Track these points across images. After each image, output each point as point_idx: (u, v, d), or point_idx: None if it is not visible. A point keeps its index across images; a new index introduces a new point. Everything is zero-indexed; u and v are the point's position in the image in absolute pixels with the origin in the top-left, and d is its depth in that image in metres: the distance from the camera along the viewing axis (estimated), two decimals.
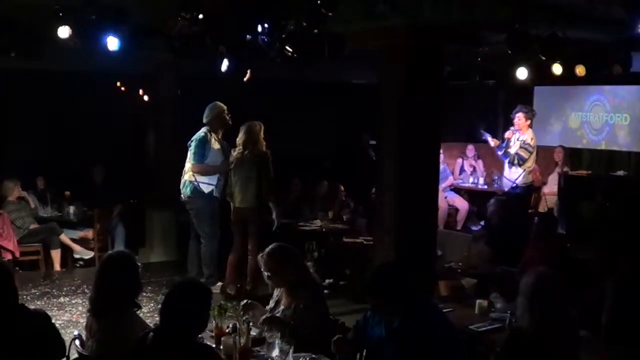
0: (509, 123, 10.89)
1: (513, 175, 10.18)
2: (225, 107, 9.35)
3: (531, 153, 10.05)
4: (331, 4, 6.12)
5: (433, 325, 4.65)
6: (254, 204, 8.89)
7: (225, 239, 9.30)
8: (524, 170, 10.09)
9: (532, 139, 10.10)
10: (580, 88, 13.45)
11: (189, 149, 9.28)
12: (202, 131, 9.27)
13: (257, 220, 8.91)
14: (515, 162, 10.07)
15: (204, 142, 9.19)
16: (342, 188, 11.18)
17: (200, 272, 9.35)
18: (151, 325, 4.75)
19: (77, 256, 10.91)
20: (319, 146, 15.13)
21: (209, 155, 9.20)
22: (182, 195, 9.42)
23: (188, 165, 9.28)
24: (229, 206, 9.21)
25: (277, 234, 8.59)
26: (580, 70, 8.93)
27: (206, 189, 9.22)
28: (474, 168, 13.78)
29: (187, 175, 9.29)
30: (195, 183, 9.21)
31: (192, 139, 9.29)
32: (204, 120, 9.30)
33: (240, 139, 9.01)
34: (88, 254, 10.91)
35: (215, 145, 9.26)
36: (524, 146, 10.03)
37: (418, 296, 4.79)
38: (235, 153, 9.05)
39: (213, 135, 9.26)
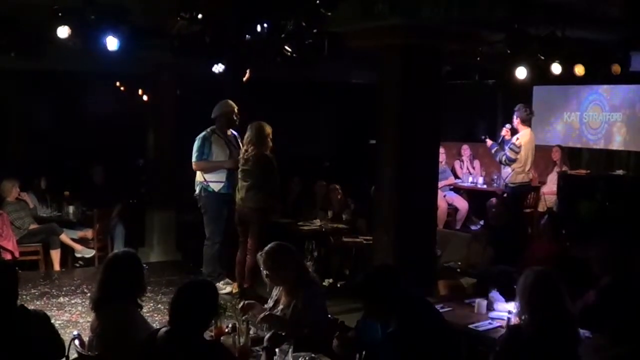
0: (507, 122, 10.88)
1: (504, 175, 10.30)
2: (235, 107, 9.23)
3: (517, 153, 10.05)
4: (330, 3, 6.14)
5: (429, 327, 4.63)
6: (253, 204, 8.83)
7: (231, 239, 9.22)
8: (513, 170, 10.13)
9: (517, 139, 10.11)
10: (579, 87, 13.46)
11: None
12: (206, 130, 9.23)
13: (257, 220, 8.82)
14: (504, 162, 10.14)
15: (203, 140, 9.15)
16: (338, 187, 11.12)
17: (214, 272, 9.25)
18: (152, 324, 4.77)
19: (78, 255, 10.86)
20: (318, 146, 15.12)
21: (210, 153, 9.12)
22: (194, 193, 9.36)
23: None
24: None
25: (276, 233, 8.52)
26: (579, 69, 8.93)
27: (216, 187, 9.13)
28: (470, 169, 13.77)
29: (198, 174, 9.24)
30: (205, 184, 9.15)
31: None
32: (212, 116, 9.25)
33: (246, 138, 8.90)
34: (89, 253, 10.85)
35: (219, 142, 9.16)
36: (510, 146, 10.07)
37: (413, 298, 4.76)
38: (241, 152, 8.97)
39: (217, 132, 9.19)
